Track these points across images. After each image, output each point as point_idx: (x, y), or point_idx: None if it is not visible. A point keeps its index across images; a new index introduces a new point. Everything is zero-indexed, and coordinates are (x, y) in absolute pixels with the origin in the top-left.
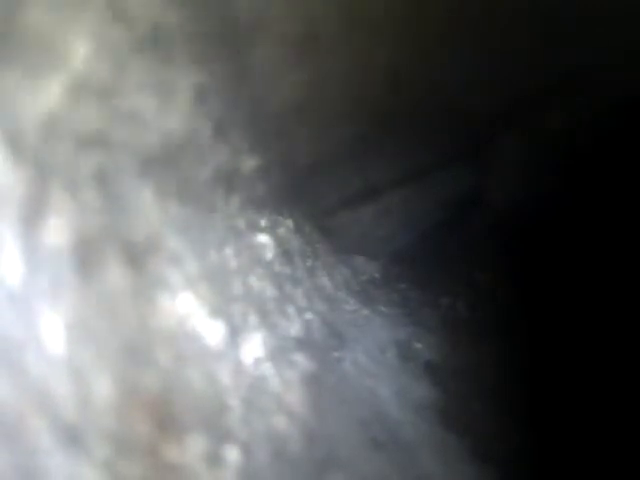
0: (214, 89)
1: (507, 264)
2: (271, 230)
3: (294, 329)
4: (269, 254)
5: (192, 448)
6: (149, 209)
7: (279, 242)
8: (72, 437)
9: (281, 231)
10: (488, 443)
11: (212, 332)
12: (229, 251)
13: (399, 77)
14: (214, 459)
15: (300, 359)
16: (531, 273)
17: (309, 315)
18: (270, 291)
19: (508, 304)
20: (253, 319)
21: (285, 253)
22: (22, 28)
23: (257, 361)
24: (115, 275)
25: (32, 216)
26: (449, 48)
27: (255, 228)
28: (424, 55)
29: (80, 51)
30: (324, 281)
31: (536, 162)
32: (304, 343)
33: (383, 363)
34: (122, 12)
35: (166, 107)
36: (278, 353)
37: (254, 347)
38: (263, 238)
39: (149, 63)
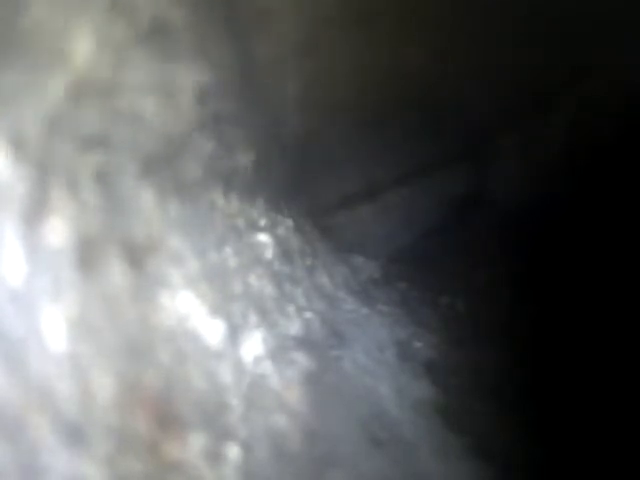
0: (215, 87)
1: (507, 264)
2: (271, 229)
3: (294, 328)
4: (269, 253)
5: (193, 445)
6: (149, 209)
7: (279, 241)
8: (74, 434)
9: (281, 230)
10: (488, 441)
11: (212, 331)
12: (229, 250)
13: (400, 76)
14: (214, 456)
15: (300, 358)
16: (531, 273)
17: (309, 314)
18: (270, 290)
19: (508, 304)
20: (253, 318)
21: (285, 252)
22: (24, 27)
23: (257, 360)
24: (116, 274)
25: (33, 215)
26: (450, 47)
27: (255, 227)
28: (425, 54)
29: (82, 50)
30: (324, 280)
31: (536, 162)
32: (304, 342)
33: (383, 362)
34: (124, 9)
35: (167, 106)
36: (278, 352)
37: (254, 346)
38: (263, 237)
39: (151, 61)
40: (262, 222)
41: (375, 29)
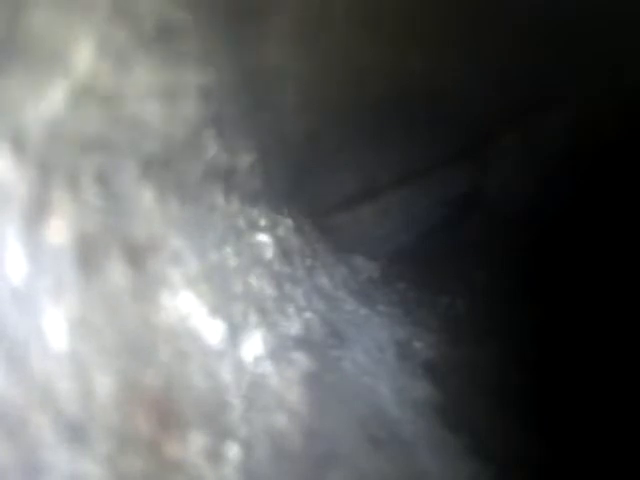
0: (217, 89)
1: (507, 263)
2: (271, 229)
3: (294, 328)
4: (269, 253)
5: (193, 445)
6: (150, 209)
7: (279, 241)
8: (75, 433)
9: (281, 230)
10: (487, 441)
11: (213, 330)
12: (229, 250)
13: (400, 76)
14: (215, 456)
15: (300, 358)
16: (531, 273)
17: (308, 314)
18: (270, 290)
19: (508, 304)
20: (253, 318)
21: (285, 252)
22: (26, 31)
23: (257, 359)
24: (117, 274)
25: (35, 216)
26: (450, 48)
27: (255, 227)
28: (425, 55)
29: (84, 54)
30: (323, 280)
31: (536, 162)
32: (304, 342)
33: (382, 362)
34: (126, 13)
35: (169, 108)
36: (278, 352)
37: (254, 345)
38: (263, 237)
39: (153, 65)
40: (262, 222)
41: (375, 30)
